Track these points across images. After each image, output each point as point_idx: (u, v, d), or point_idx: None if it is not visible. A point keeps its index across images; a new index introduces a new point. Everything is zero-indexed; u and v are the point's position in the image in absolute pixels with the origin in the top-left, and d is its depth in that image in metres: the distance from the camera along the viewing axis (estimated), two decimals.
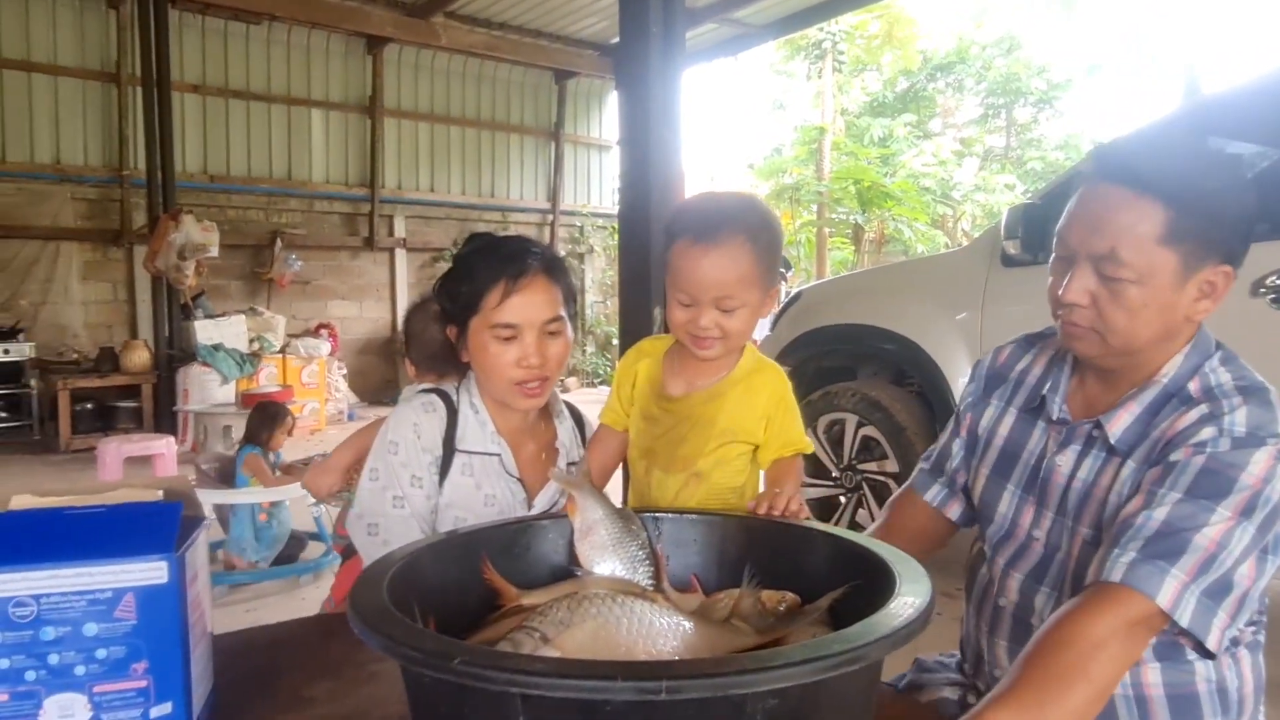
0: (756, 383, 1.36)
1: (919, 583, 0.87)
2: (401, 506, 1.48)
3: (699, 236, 1.24)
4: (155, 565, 0.94)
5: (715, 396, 1.35)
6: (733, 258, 1.24)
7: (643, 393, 1.41)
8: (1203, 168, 1.12)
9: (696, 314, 1.26)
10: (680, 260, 1.26)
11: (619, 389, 1.44)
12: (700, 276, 1.24)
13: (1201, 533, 1.02)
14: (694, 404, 1.36)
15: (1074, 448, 1.23)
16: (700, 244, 1.23)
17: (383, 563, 0.96)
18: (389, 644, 0.75)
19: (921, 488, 1.47)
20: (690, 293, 1.26)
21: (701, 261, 1.24)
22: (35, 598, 0.91)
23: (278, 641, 1.32)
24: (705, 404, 1.35)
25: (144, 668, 0.94)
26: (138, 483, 1.06)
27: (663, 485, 1.37)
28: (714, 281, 1.24)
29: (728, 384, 1.35)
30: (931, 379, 3.72)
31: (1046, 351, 1.36)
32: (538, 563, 1.14)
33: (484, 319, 1.45)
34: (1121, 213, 1.11)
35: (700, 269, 1.24)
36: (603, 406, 1.48)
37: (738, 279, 1.25)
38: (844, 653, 0.72)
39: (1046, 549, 1.25)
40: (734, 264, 1.24)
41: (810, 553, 1.09)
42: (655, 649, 0.92)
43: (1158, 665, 1.14)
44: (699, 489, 1.35)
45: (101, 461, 5.04)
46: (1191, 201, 1.09)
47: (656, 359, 1.41)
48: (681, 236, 1.26)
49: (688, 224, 1.26)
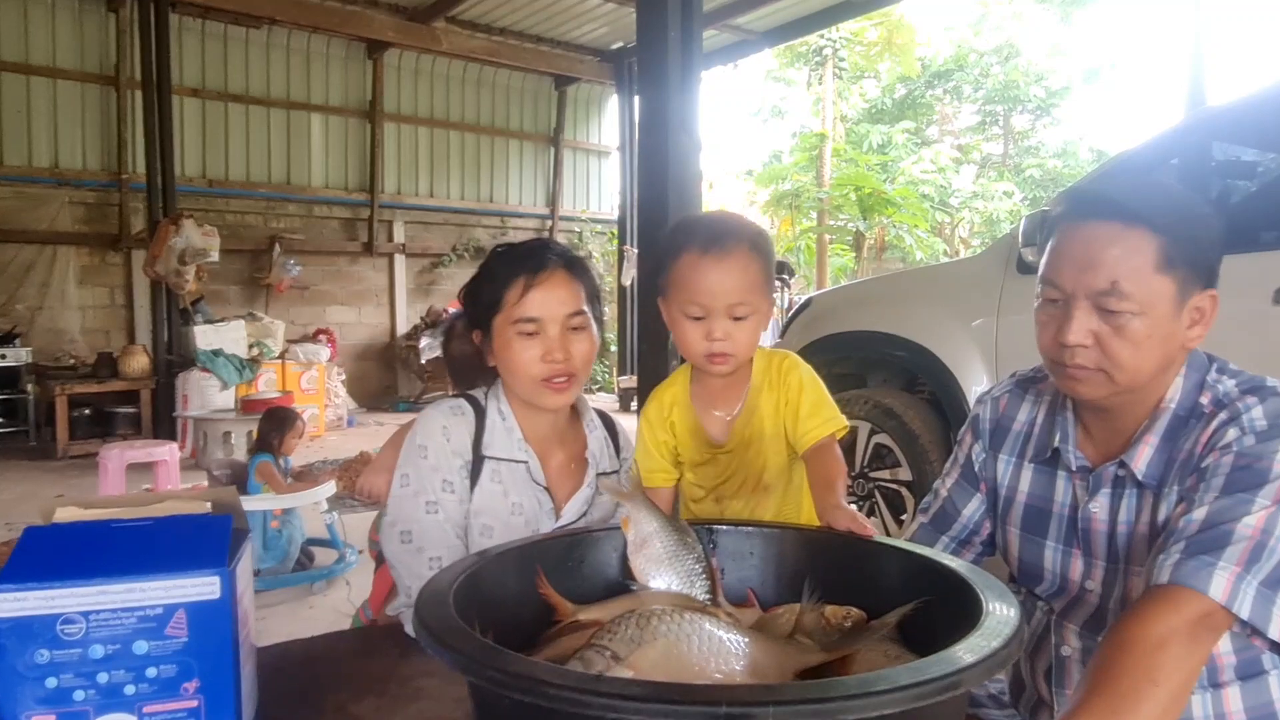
0: (777, 377, 1.37)
1: (1005, 600, 0.84)
2: (435, 512, 1.44)
3: (707, 247, 1.26)
4: (208, 580, 0.91)
5: (753, 412, 1.35)
6: (743, 265, 1.26)
7: (687, 445, 1.40)
8: (1180, 196, 1.16)
9: (709, 325, 1.27)
10: (691, 272, 1.27)
11: (658, 448, 1.41)
12: (712, 285, 1.26)
13: (1243, 522, 1.01)
14: (740, 434, 1.36)
15: (1105, 493, 1.22)
16: (711, 254, 1.26)
17: (442, 577, 0.93)
18: (468, 663, 0.72)
19: (926, 542, 1.41)
20: (703, 303, 1.27)
21: (714, 271, 1.26)
22: (84, 615, 0.88)
23: (315, 656, 1.28)
24: (748, 425, 1.36)
25: (195, 687, 0.91)
26: (184, 494, 1.02)
27: (732, 510, 1.38)
28: (727, 289, 1.26)
29: (755, 393, 1.36)
30: (945, 386, 3.69)
31: (1044, 398, 1.35)
32: (591, 576, 1.11)
33: (506, 316, 1.43)
34: (1115, 246, 1.11)
35: (712, 278, 1.26)
36: (641, 469, 1.44)
37: (749, 285, 1.27)
38: (948, 675, 0.69)
39: (1102, 599, 1.23)
40: (745, 271, 1.27)
41: (876, 567, 1.06)
42: (727, 668, 0.89)
43: (1238, 686, 1.11)
44: (769, 500, 1.34)
45: (103, 468, 4.98)
46: (1179, 228, 1.11)
47: (686, 407, 1.39)
48: (687, 250, 1.27)
49: (692, 238, 1.28)
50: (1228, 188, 3.33)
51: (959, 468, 1.43)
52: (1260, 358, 1.21)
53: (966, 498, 1.40)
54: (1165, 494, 1.15)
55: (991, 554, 1.44)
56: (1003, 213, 17.00)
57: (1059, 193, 1.26)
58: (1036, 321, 1.22)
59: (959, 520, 1.41)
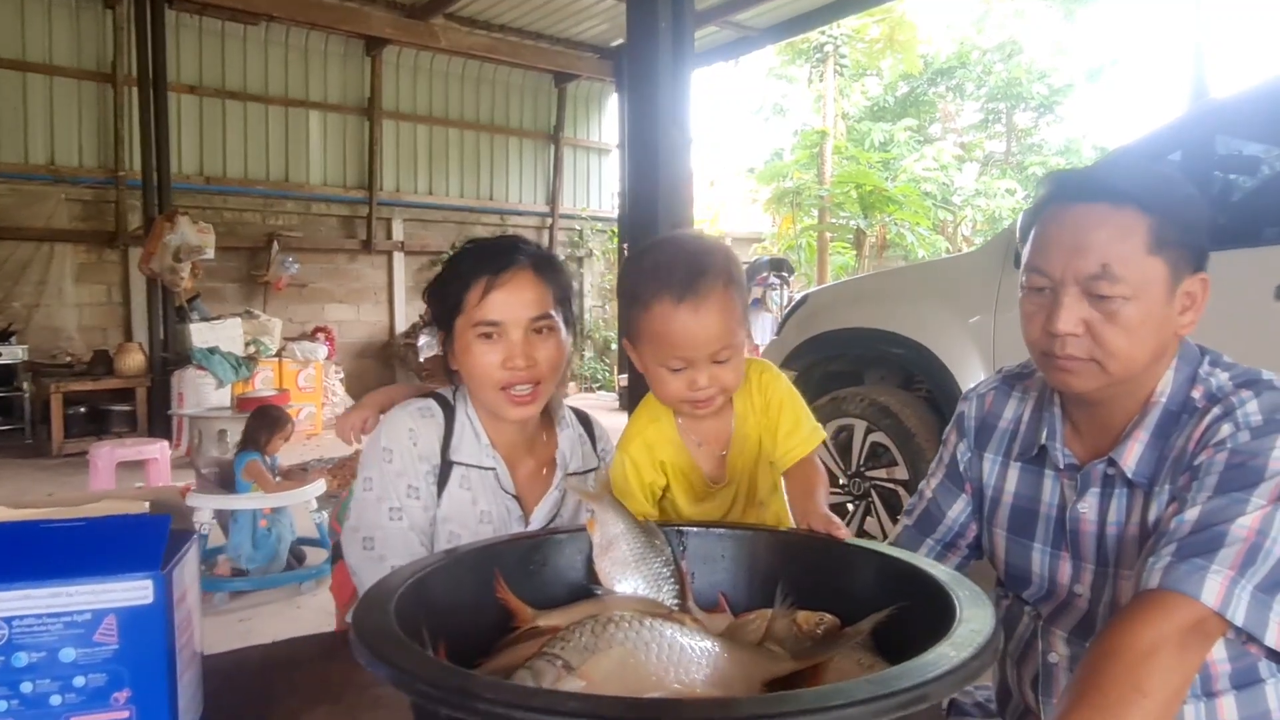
0: (758, 397, 1.31)
1: (981, 608, 0.79)
2: (399, 519, 1.39)
3: (681, 296, 1.13)
4: (139, 584, 0.86)
5: (744, 442, 1.30)
6: (721, 308, 1.15)
7: (683, 487, 1.32)
8: (1167, 176, 1.12)
9: (693, 376, 1.18)
10: (666, 325, 1.15)
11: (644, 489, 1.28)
12: (692, 336, 1.15)
13: (1237, 523, 0.96)
14: (735, 466, 1.31)
15: (1093, 492, 1.16)
16: (686, 302, 1.13)
17: (388, 581, 0.88)
18: (400, 676, 0.67)
19: (910, 546, 1.35)
20: (685, 356, 1.17)
21: (692, 323, 1.14)
22: (7, 620, 0.83)
23: (272, 662, 1.23)
24: (742, 456, 1.31)
25: (126, 697, 0.86)
26: (123, 494, 0.98)
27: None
28: (709, 338, 1.15)
29: (741, 422, 1.30)
30: (942, 383, 3.64)
31: (1031, 394, 1.29)
32: (554, 580, 1.06)
33: (467, 318, 1.37)
34: (1105, 227, 1.06)
35: (692, 329, 1.14)
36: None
37: (729, 328, 1.17)
38: (912, 688, 0.64)
39: (1091, 603, 1.18)
40: (724, 313, 1.16)
41: (851, 571, 1.01)
42: (688, 678, 0.84)
43: (1233, 695, 1.06)
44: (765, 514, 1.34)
45: (94, 466, 4.94)
46: (1169, 208, 1.07)
47: (679, 447, 1.29)
48: (659, 299, 1.15)
49: (664, 286, 1.14)
50: (1230, 182, 3.28)
51: (944, 468, 1.38)
52: (1261, 354, 1.15)
53: (951, 499, 1.35)
54: (1156, 493, 1.09)
55: (978, 558, 1.39)
56: (1005, 211, 16.91)
57: (1043, 176, 1.20)
58: (1022, 313, 1.17)
59: (944, 523, 1.36)
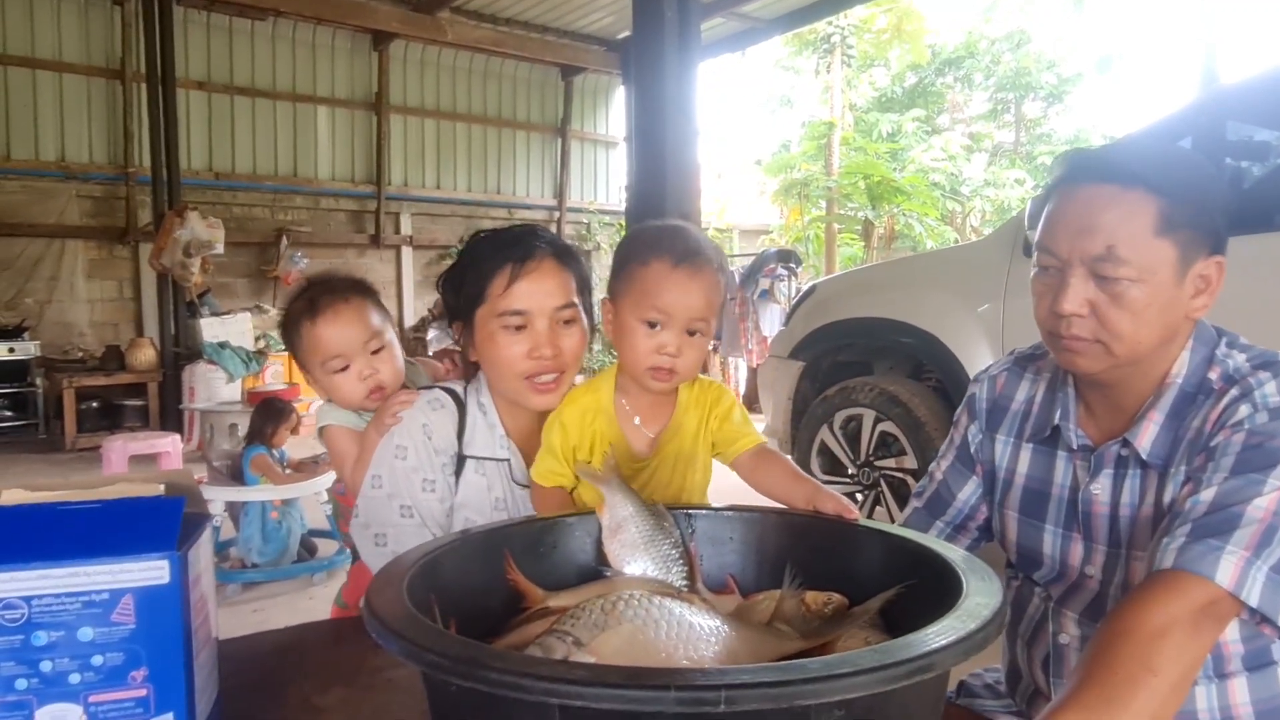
0: (706, 400, 1.34)
1: (988, 582, 0.80)
2: (410, 515, 1.39)
3: (680, 260, 1.22)
4: (156, 564, 0.86)
5: (678, 430, 1.32)
6: (712, 284, 1.24)
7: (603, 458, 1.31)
8: (1182, 158, 1.12)
9: (664, 336, 1.23)
10: (659, 281, 1.22)
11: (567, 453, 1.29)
12: (680, 297, 1.22)
13: (1253, 504, 0.96)
14: (664, 449, 1.32)
15: (1107, 473, 1.16)
16: (683, 268, 1.22)
17: (400, 561, 0.89)
18: (411, 649, 0.68)
19: (919, 528, 1.36)
20: (668, 312, 1.22)
21: (685, 283, 1.22)
22: (26, 600, 0.84)
23: (286, 647, 1.25)
24: (672, 441, 1.32)
25: (143, 675, 0.87)
26: (137, 477, 0.99)
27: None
28: (693, 303, 1.23)
29: (681, 411, 1.33)
30: (952, 372, 3.64)
31: (1044, 375, 1.29)
32: (564, 562, 1.07)
33: (490, 308, 1.36)
34: (1113, 209, 1.06)
35: (683, 290, 1.22)
36: (540, 468, 1.32)
37: (711, 306, 1.25)
38: (917, 658, 0.65)
39: (1102, 585, 1.18)
40: (714, 289, 1.25)
41: (859, 551, 1.02)
42: (696, 654, 0.85)
43: (1245, 677, 1.06)
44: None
45: (106, 460, 4.99)
46: (1180, 189, 1.06)
47: (610, 417, 1.32)
48: (658, 259, 1.22)
49: (666, 247, 1.23)
50: (1242, 168, 3.26)
51: (954, 449, 1.38)
52: (1276, 340, 1.14)
53: (962, 481, 1.35)
54: (1171, 474, 1.09)
55: (989, 540, 1.39)
56: (1014, 201, 16.81)
57: (1057, 157, 1.20)
58: (1033, 292, 1.17)
59: (954, 504, 1.36)
